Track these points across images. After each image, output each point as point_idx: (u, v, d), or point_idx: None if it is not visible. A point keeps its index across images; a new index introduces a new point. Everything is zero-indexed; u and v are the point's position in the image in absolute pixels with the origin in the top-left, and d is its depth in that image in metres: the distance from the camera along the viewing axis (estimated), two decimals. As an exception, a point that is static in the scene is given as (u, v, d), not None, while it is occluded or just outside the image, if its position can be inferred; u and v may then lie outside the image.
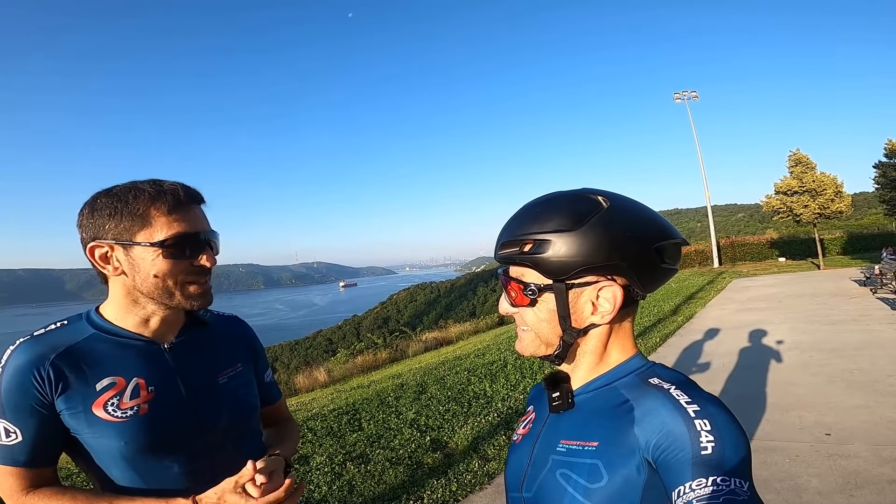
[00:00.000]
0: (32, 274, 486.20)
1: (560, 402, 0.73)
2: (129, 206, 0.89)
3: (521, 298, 0.70)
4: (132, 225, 0.89)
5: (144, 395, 0.91)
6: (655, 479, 0.59)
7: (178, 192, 0.92)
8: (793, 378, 4.97)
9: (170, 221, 0.90)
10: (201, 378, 0.99)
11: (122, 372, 0.91)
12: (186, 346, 1.00)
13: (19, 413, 0.85)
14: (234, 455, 0.98)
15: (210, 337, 1.06)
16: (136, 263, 0.90)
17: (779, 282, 14.67)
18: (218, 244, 1.00)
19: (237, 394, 1.04)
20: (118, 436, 0.88)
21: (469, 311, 59.43)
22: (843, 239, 23.70)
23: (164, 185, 0.92)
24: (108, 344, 0.92)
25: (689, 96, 25.49)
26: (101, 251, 0.91)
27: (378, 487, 3.19)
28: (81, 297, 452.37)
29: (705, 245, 25.48)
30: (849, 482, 2.80)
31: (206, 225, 0.97)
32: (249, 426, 1.07)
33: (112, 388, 0.89)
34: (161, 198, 0.90)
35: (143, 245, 0.89)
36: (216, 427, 0.99)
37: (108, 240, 0.90)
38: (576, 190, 0.71)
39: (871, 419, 3.67)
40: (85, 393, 0.87)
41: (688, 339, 7.41)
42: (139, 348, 0.94)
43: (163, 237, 0.89)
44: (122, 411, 0.88)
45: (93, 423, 0.87)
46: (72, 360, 0.88)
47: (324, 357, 27.53)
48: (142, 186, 0.91)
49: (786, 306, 9.81)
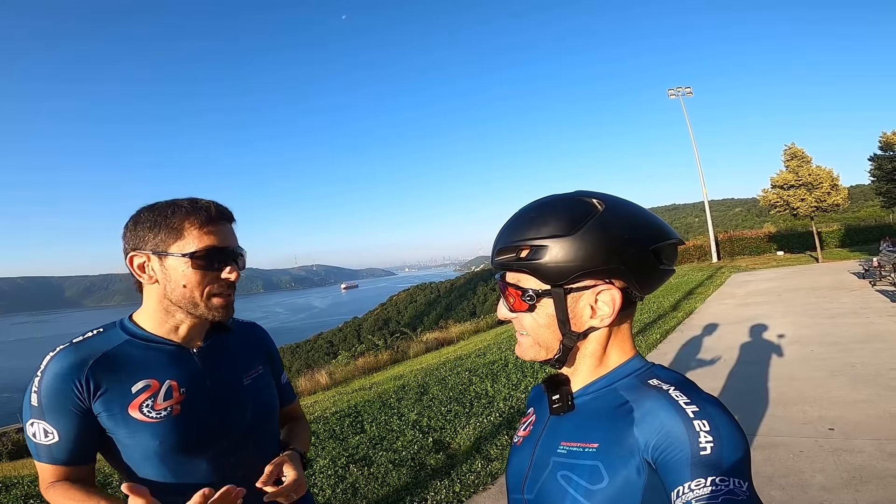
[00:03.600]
0: (31, 282, 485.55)
1: (560, 405, 0.73)
2: (167, 220, 0.96)
3: (520, 304, 0.71)
4: (168, 237, 0.96)
5: (177, 397, 0.97)
6: (655, 480, 0.59)
7: (211, 209, 0.99)
8: (794, 372, 4.97)
9: (201, 235, 0.97)
10: (227, 380, 1.06)
11: (156, 375, 0.97)
12: (213, 350, 1.06)
13: (58, 415, 0.91)
14: (256, 453, 1.05)
15: (233, 342, 1.12)
16: (168, 273, 0.97)
17: (778, 275, 14.68)
18: (244, 260, 1.06)
19: (260, 395, 1.11)
20: (153, 435, 0.94)
21: (469, 310, 59.43)
22: (841, 231, 23.72)
23: (199, 202, 0.99)
24: (142, 349, 0.98)
25: (683, 92, 25.51)
26: (140, 261, 0.98)
27: (381, 489, 3.19)
28: (81, 305, 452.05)
29: (703, 240, 25.49)
30: (854, 477, 2.79)
31: (233, 241, 1.03)
32: (270, 426, 1.14)
33: (147, 391, 0.95)
34: (195, 213, 0.97)
35: (176, 255, 0.96)
36: (241, 426, 1.05)
37: (147, 250, 0.97)
38: (570, 193, 0.71)
39: (874, 413, 3.66)
40: (121, 395, 0.94)
41: (688, 334, 7.42)
42: (171, 352, 1.00)
43: (193, 249, 0.96)
44: (156, 412, 0.95)
45: (129, 424, 0.94)
46: (108, 366, 0.94)
47: (325, 360, 27.54)
48: (180, 203, 0.99)
49: (785, 300, 9.81)
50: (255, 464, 0.98)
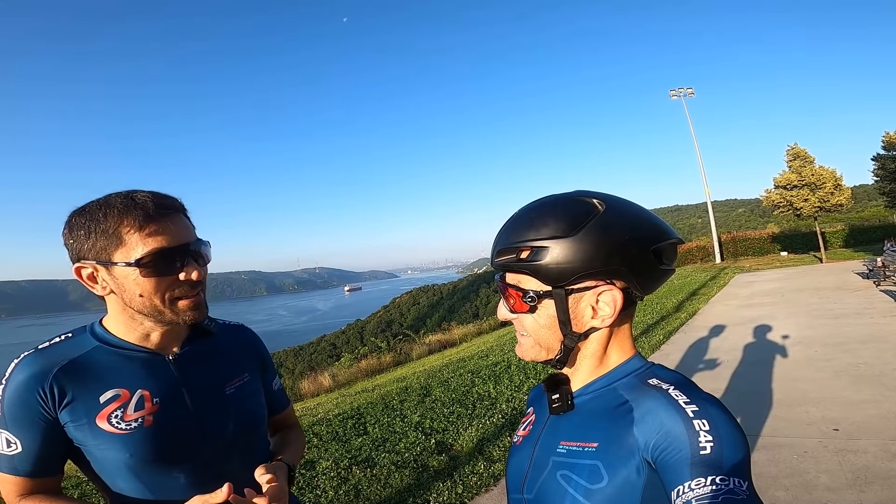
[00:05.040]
0: (36, 285, 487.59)
1: (560, 404, 0.73)
2: (101, 225, 0.85)
3: (520, 305, 0.71)
4: (108, 244, 0.85)
5: (149, 407, 0.90)
6: (655, 480, 0.59)
7: (148, 205, 0.86)
8: (798, 373, 4.95)
9: (143, 238, 0.85)
10: (207, 388, 0.98)
11: (127, 384, 0.90)
12: (192, 357, 0.99)
13: (20, 425, 0.85)
14: (242, 464, 0.98)
15: (216, 347, 1.04)
16: (120, 283, 0.87)
17: (781, 276, 14.63)
18: (207, 253, 0.95)
19: (244, 404, 1.03)
20: (123, 448, 0.87)
21: (472, 312, 59.35)
22: (845, 232, 23.60)
23: (135, 198, 0.86)
24: (112, 356, 0.91)
25: (685, 93, 25.45)
26: (87, 272, 0.89)
27: (384, 491, 3.19)
28: (85, 308, 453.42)
29: (707, 241, 25.38)
30: (859, 478, 2.77)
31: (186, 236, 0.90)
32: (257, 436, 1.06)
33: (116, 401, 0.88)
34: (131, 213, 0.85)
35: (121, 265, 0.85)
36: (223, 437, 0.97)
37: (90, 260, 0.87)
38: (570, 193, 0.71)
39: (878, 413, 3.65)
40: (89, 405, 0.87)
41: (692, 335, 7.39)
42: (143, 360, 0.93)
43: (139, 255, 0.84)
44: (126, 423, 0.88)
45: (97, 435, 0.87)
46: (75, 374, 0.87)
47: (328, 362, 27.54)
48: (112, 202, 0.86)
49: (789, 301, 9.77)
50: (241, 476, 0.91)
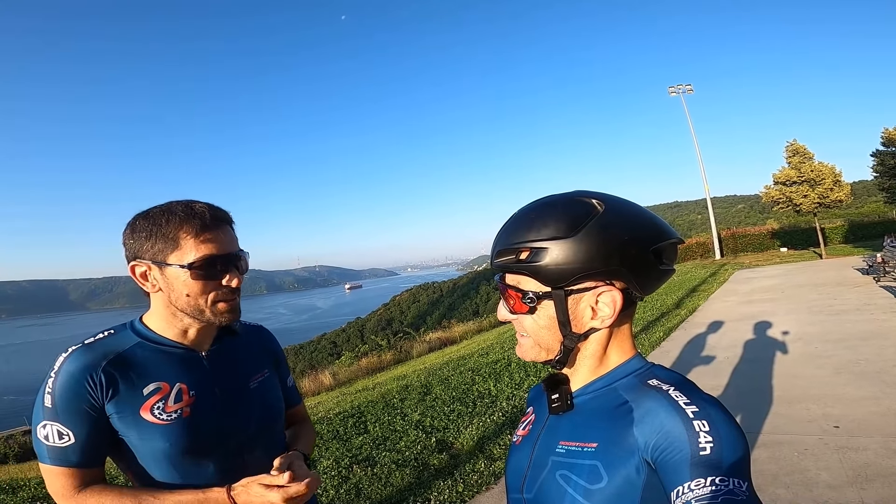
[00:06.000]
0: (36, 285, 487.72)
1: (559, 404, 0.73)
2: (162, 230, 0.95)
3: (520, 306, 0.70)
4: (165, 247, 0.95)
5: (186, 400, 0.98)
6: (655, 480, 0.59)
7: (206, 215, 0.97)
8: (798, 370, 4.95)
9: (198, 244, 0.95)
10: (235, 383, 1.07)
11: (166, 378, 0.98)
12: (221, 354, 1.08)
13: (72, 417, 0.90)
14: (262, 456, 1.06)
15: (240, 345, 1.13)
16: (170, 282, 0.97)
17: (781, 272, 14.62)
18: (246, 262, 1.05)
19: (266, 398, 1.12)
20: (163, 437, 0.94)
21: (472, 309, 59.42)
22: (845, 227, 23.60)
23: (195, 208, 0.97)
24: (152, 352, 0.99)
25: (683, 90, 25.38)
26: (141, 270, 0.99)
27: (385, 490, 3.20)
28: (85, 308, 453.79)
29: (706, 237, 25.38)
30: (859, 475, 2.77)
31: (232, 246, 1.01)
32: (276, 428, 1.15)
33: (158, 393, 0.96)
34: (190, 221, 0.96)
35: (175, 266, 0.95)
36: (248, 429, 1.06)
37: (146, 260, 0.97)
38: (570, 193, 0.71)
39: (879, 410, 3.65)
40: (133, 397, 0.94)
41: (691, 332, 7.40)
42: (180, 356, 1.01)
43: (192, 259, 0.95)
44: (167, 414, 0.95)
45: (140, 426, 0.94)
46: (121, 367, 0.94)
47: (328, 360, 27.57)
48: (175, 209, 0.97)
49: (789, 297, 9.77)
50: (261, 466, 0.99)
